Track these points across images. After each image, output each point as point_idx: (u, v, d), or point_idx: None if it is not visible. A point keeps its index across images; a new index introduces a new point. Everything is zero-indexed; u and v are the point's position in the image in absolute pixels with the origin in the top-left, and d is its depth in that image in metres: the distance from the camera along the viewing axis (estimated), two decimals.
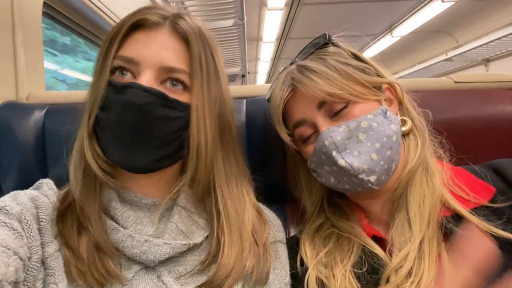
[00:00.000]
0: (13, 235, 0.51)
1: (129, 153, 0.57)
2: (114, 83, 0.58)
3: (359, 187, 0.65)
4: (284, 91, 0.69)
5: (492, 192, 0.62)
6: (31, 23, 1.10)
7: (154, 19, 0.59)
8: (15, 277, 0.48)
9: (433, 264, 0.58)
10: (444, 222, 0.61)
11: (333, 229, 0.73)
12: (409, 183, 0.66)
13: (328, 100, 0.65)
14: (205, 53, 0.61)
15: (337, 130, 0.64)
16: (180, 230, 0.62)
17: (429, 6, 4.04)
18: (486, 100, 0.89)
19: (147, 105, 0.56)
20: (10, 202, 0.56)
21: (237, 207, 0.66)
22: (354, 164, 0.62)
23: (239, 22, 2.65)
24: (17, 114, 0.90)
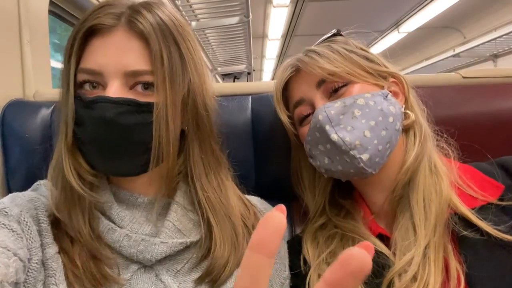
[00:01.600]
0: (13, 237, 0.51)
1: (114, 163, 0.57)
2: (83, 97, 0.56)
3: (351, 168, 0.63)
4: (287, 71, 0.71)
5: (500, 189, 0.61)
6: (37, 21, 1.10)
7: (107, 22, 0.56)
8: (16, 278, 0.47)
9: (439, 270, 0.57)
10: (451, 223, 0.59)
11: (336, 230, 0.72)
12: (411, 186, 0.64)
13: (328, 78, 0.65)
14: (167, 48, 0.58)
15: (332, 106, 0.64)
16: (177, 229, 0.62)
17: (436, 2, 4.00)
18: (494, 95, 0.88)
19: (119, 116, 0.54)
20: (9, 204, 0.55)
21: (220, 196, 0.65)
22: (346, 139, 0.60)
23: (244, 19, 2.64)
24: (24, 112, 0.91)
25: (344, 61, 0.66)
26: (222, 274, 0.60)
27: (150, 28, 0.56)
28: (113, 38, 0.56)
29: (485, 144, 0.78)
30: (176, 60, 0.58)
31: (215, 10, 2.54)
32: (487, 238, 0.56)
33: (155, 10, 0.59)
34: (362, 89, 0.65)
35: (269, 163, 0.85)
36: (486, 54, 4.87)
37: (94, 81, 0.57)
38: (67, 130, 0.57)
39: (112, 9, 0.57)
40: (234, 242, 0.62)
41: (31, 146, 0.87)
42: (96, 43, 0.57)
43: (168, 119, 0.57)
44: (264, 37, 5.41)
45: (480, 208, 0.59)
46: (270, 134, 0.87)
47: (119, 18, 0.57)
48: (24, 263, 0.50)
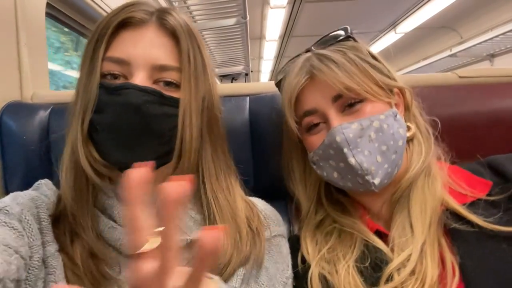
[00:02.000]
0: (14, 235, 0.51)
1: (130, 153, 0.57)
2: (107, 84, 0.57)
3: (361, 188, 0.65)
4: (302, 77, 0.67)
5: (489, 185, 0.63)
6: (34, 23, 1.10)
7: (140, 16, 0.59)
8: (17, 275, 0.48)
9: (436, 263, 0.59)
10: (444, 218, 0.62)
11: (334, 225, 0.73)
12: (412, 189, 0.66)
13: (345, 94, 0.64)
14: (193, 48, 0.61)
15: (350, 127, 0.63)
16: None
17: (432, 2, 4.01)
18: (490, 94, 0.88)
19: (144, 104, 0.55)
20: (10, 202, 0.56)
21: (227, 198, 0.66)
22: (364, 165, 0.62)
23: (241, 20, 2.64)
24: (22, 114, 0.90)
25: (361, 75, 0.65)
26: (223, 273, 0.60)
27: (180, 28, 0.60)
28: (144, 31, 0.59)
29: (481, 143, 0.79)
30: (199, 61, 0.61)
31: (212, 11, 2.54)
32: (478, 230, 0.59)
33: (181, 15, 0.63)
34: (376, 108, 0.65)
35: (267, 164, 0.85)
36: (483, 54, 4.89)
37: (118, 72, 0.58)
38: (85, 117, 0.58)
39: (144, 7, 0.61)
40: (237, 243, 0.62)
41: (29, 148, 0.87)
42: (126, 34, 0.59)
43: (192, 115, 0.59)
44: (262, 38, 5.41)
45: (470, 204, 0.62)
46: (268, 135, 0.87)
47: (151, 15, 0.60)
48: (25, 261, 0.51)
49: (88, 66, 0.59)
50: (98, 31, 0.59)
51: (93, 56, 0.59)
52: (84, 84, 0.59)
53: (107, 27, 0.58)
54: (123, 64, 0.58)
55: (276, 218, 0.73)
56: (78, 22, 1.72)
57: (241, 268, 0.61)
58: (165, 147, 0.59)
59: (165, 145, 0.59)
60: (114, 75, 0.58)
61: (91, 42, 0.60)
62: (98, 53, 0.58)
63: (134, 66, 0.57)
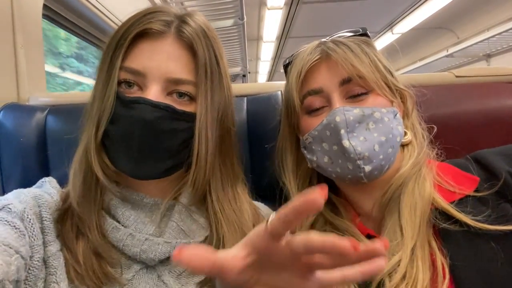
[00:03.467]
0: (15, 234, 0.51)
1: (140, 165, 0.58)
2: (122, 97, 0.58)
3: (349, 174, 0.64)
4: (314, 55, 0.68)
5: (476, 181, 0.63)
6: (31, 25, 1.10)
7: (158, 28, 0.58)
8: (17, 276, 0.48)
9: (427, 266, 0.59)
10: (433, 218, 0.62)
11: (325, 227, 0.73)
12: (402, 191, 0.66)
13: (355, 79, 0.64)
14: (210, 59, 0.60)
15: (352, 110, 0.63)
16: (180, 229, 0.63)
17: (428, 3, 4.03)
18: (487, 94, 0.89)
19: (156, 120, 0.56)
20: (13, 200, 0.56)
21: (234, 209, 0.66)
22: (358, 148, 0.61)
23: (239, 21, 2.65)
24: (19, 116, 0.90)
25: (373, 67, 0.66)
26: None
27: (197, 39, 0.59)
28: (162, 44, 0.59)
29: (477, 142, 0.79)
30: (216, 73, 0.62)
31: (209, 12, 2.54)
32: (467, 229, 0.59)
33: (198, 18, 0.63)
34: (380, 102, 0.66)
35: (264, 164, 0.85)
36: (479, 54, 4.91)
37: (133, 81, 0.59)
38: (99, 125, 0.58)
39: (162, 16, 0.60)
40: None
41: (26, 150, 0.87)
42: (144, 46, 0.59)
43: (208, 129, 0.60)
44: (259, 40, 5.42)
45: (459, 201, 0.62)
46: (265, 135, 0.87)
47: (169, 25, 0.60)
48: (25, 261, 0.51)
49: (105, 74, 0.59)
50: (116, 40, 0.59)
51: (110, 65, 0.59)
52: (100, 91, 0.60)
53: (125, 37, 0.58)
54: (139, 76, 0.58)
55: None
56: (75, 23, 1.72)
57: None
58: (174, 160, 0.60)
59: (174, 158, 0.60)
60: (128, 83, 0.59)
61: (109, 50, 0.60)
62: (116, 63, 0.58)
63: (149, 79, 0.57)
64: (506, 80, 0.94)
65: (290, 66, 0.75)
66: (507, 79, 0.94)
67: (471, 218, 0.58)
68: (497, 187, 0.60)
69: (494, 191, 0.60)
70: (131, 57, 0.59)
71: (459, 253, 0.58)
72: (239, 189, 0.70)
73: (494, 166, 0.63)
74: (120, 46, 0.58)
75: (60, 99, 1.01)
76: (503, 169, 0.61)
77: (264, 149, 0.87)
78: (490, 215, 0.58)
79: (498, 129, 0.85)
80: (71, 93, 1.05)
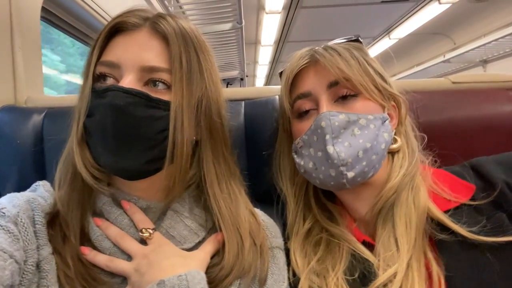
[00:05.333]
0: (9, 238, 0.51)
1: (118, 156, 0.56)
2: (97, 88, 0.58)
3: (331, 181, 0.64)
4: (303, 59, 0.69)
5: (472, 190, 0.63)
6: (29, 27, 1.10)
7: (133, 21, 0.59)
8: (11, 280, 0.47)
9: (422, 278, 0.59)
10: (429, 229, 0.62)
11: (322, 234, 0.73)
12: (395, 202, 0.66)
13: (341, 81, 0.65)
14: (187, 52, 0.60)
15: (337, 116, 0.64)
16: (170, 235, 0.62)
17: (426, 8, 4.05)
18: (483, 100, 0.89)
19: (128, 106, 0.55)
20: (6, 204, 0.55)
21: (230, 206, 0.65)
22: (341, 154, 0.62)
23: (237, 25, 2.65)
24: (16, 118, 0.90)
25: (361, 71, 0.66)
26: (221, 285, 0.59)
27: (172, 32, 0.59)
28: (136, 36, 0.59)
29: (474, 149, 0.79)
30: (194, 64, 0.61)
31: (207, 16, 2.55)
32: (462, 239, 0.58)
33: (180, 20, 0.63)
34: (367, 107, 0.66)
35: (262, 168, 0.85)
36: (476, 59, 4.92)
37: (109, 74, 0.59)
38: (79, 121, 0.58)
39: (140, 13, 0.61)
40: (239, 256, 0.61)
41: (22, 152, 0.86)
42: (119, 39, 0.60)
43: (183, 118, 0.58)
44: (257, 43, 5.42)
45: (454, 210, 0.62)
46: (263, 139, 0.87)
47: (145, 20, 0.60)
48: (20, 265, 0.50)
49: (84, 71, 0.60)
50: (96, 37, 0.60)
51: (88, 61, 0.60)
52: (81, 90, 0.60)
53: (102, 33, 0.59)
54: (114, 67, 0.58)
55: (274, 230, 0.72)
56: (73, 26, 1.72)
57: (237, 280, 0.61)
58: (155, 152, 0.58)
59: (154, 149, 0.58)
60: (104, 76, 0.59)
61: (91, 48, 0.60)
62: (93, 59, 0.59)
63: (124, 69, 0.57)
64: (502, 86, 0.94)
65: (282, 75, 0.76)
66: (503, 86, 0.94)
67: (466, 229, 0.58)
68: (493, 196, 0.60)
69: (490, 201, 0.60)
70: (107, 52, 0.59)
71: (455, 263, 0.58)
72: (235, 187, 0.69)
73: (491, 175, 0.62)
74: (97, 42, 0.59)
75: (57, 102, 1.01)
76: (499, 179, 0.61)
77: (262, 153, 0.87)
78: (485, 226, 0.58)
79: (494, 135, 0.85)
80: (68, 96, 1.05)
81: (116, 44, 0.59)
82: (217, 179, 0.66)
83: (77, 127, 0.59)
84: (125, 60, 0.57)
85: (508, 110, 0.87)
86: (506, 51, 4.43)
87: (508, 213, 0.59)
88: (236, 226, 0.64)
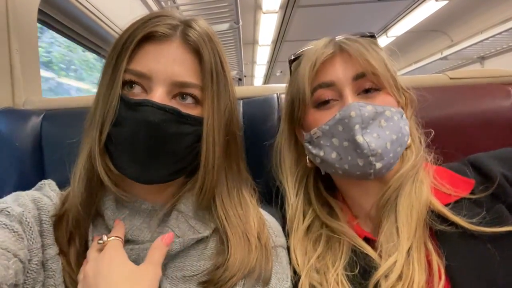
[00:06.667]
0: (14, 237, 0.51)
1: (145, 169, 0.57)
2: (126, 99, 0.57)
3: (358, 171, 0.64)
4: (329, 49, 0.67)
5: (471, 184, 0.64)
6: (26, 30, 1.10)
7: (163, 31, 0.58)
8: (15, 279, 0.48)
9: (423, 267, 0.59)
10: (429, 221, 0.62)
11: (321, 230, 0.73)
12: (400, 193, 0.66)
13: (369, 75, 0.65)
14: (216, 63, 0.60)
15: (366, 107, 0.63)
16: (175, 236, 0.62)
17: (423, 6, 4.06)
18: (481, 95, 0.89)
19: (161, 123, 0.55)
20: (11, 203, 0.56)
21: (239, 214, 0.66)
22: (372, 144, 0.61)
23: (234, 25, 2.65)
24: (14, 120, 0.90)
25: (383, 66, 0.67)
26: (225, 285, 0.59)
27: (203, 43, 0.59)
28: (168, 47, 0.59)
29: (472, 144, 0.79)
30: (221, 77, 0.61)
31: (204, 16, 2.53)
32: (462, 231, 0.59)
33: (202, 23, 0.63)
34: (388, 101, 0.66)
35: (261, 167, 0.85)
36: (474, 56, 4.94)
37: (137, 83, 0.58)
38: (103, 129, 0.58)
39: (168, 20, 0.60)
40: (245, 259, 0.61)
41: (21, 154, 0.86)
42: (149, 48, 0.59)
43: (215, 133, 0.60)
44: (255, 43, 5.43)
45: (454, 203, 0.62)
46: (261, 137, 0.87)
47: (175, 29, 0.60)
48: (24, 264, 0.50)
49: (109, 77, 0.59)
50: (121, 43, 0.59)
51: (115, 67, 0.59)
52: (104, 95, 0.59)
53: (131, 40, 0.58)
54: (144, 78, 0.58)
55: (277, 229, 0.72)
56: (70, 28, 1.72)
57: (243, 280, 0.61)
58: (180, 164, 0.60)
59: (180, 162, 0.59)
60: (132, 85, 0.58)
61: (114, 53, 0.59)
62: (121, 65, 0.58)
63: (155, 81, 0.57)
64: (500, 81, 0.94)
65: (298, 61, 0.74)
66: (501, 81, 0.95)
67: (466, 220, 0.59)
68: (492, 189, 0.61)
69: (489, 194, 0.61)
70: (136, 60, 0.58)
71: (455, 254, 0.59)
72: (246, 195, 0.69)
73: (489, 169, 0.63)
74: (126, 49, 0.58)
75: (55, 104, 1.01)
76: (498, 172, 0.62)
77: (260, 151, 0.87)
78: (485, 217, 0.59)
79: (493, 130, 0.85)
80: (66, 98, 1.05)
81: (146, 54, 0.58)
82: (228, 188, 0.66)
83: (99, 134, 0.58)
84: (156, 72, 0.57)
85: (506, 105, 0.87)
86: (503, 47, 4.45)
87: (507, 205, 0.60)
88: (245, 233, 0.64)
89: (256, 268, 0.62)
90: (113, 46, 0.60)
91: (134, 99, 0.57)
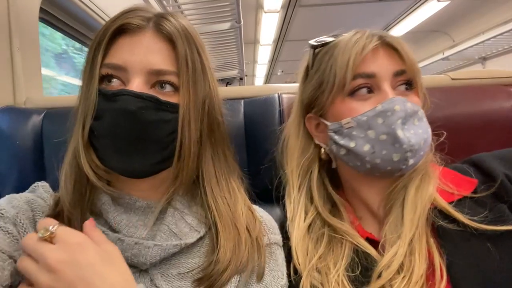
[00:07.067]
0: (8, 239, 0.51)
1: (128, 159, 0.57)
2: (104, 91, 0.57)
3: (390, 166, 0.64)
4: (374, 40, 0.66)
5: (474, 184, 0.64)
6: (28, 28, 1.10)
7: (136, 23, 0.59)
8: (10, 281, 0.48)
9: (423, 260, 0.60)
10: (432, 217, 0.63)
11: (323, 230, 0.72)
12: (407, 189, 0.67)
13: (409, 72, 0.66)
14: (191, 52, 0.61)
15: (407, 103, 0.64)
16: (172, 232, 0.62)
17: (424, 6, 4.05)
18: (482, 96, 0.89)
19: (140, 110, 0.55)
20: (5, 205, 0.56)
21: (228, 202, 0.66)
22: (411, 140, 0.62)
23: (235, 25, 2.65)
24: (15, 119, 0.90)
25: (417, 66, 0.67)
26: (219, 279, 0.59)
27: (176, 32, 0.60)
28: (141, 38, 0.59)
29: (474, 145, 0.79)
30: (198, 65, 0.61)
31: (206, 16, 2.54)
32: (464, 229, 0.59)
33: (180, 19, 0.63)
34: (417, 101, 0.67)
35: (262, 166, 0.85)
36: (475, 56, 4.93)
37: (114, 76, 0.58)
38: (85, 123, 0.58)
39: (141, 13, 0.61)
40: (235, 250, 0.62)
41: (22, 153, 0.86)
42: (123, 41, 0.59)
43: (191, 119, 0.60)
44: (256, 43, 5.43)
45: (457, 202, 0.63)
46: (262, 137, 0.87)
47: (148, 20, 0.60)
48: None
49: (88, 73, 0.59)
50: (97, 39, 0.59)
51: (92, 63, 0.59)
52: (84, 91, 0.60)
53: (104, 34, 0.59)
54: (120, 70, 0.58)
55: (272, 226, 0.72)
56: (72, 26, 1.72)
57: (236, 275, 0.61)
58: (164, 153, 0.59)
59: (163, 151, 0.59)
60: (110, 78, 0.59)
61: (91, 50, 0.60)
62: (97, 60, 0.58)
63: (131, 72, 0.57)
64: (501, 82, 0.95)
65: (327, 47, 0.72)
66: (502, 82, 0.95)
67: (468, 218, 0.59)
68: (494, 188, 0.61)
69: (491, 193, 0.62)
70: (111, 54, 0.59)
71: (456, 252, 0.59)
72: (234, 184, 0.69)
73: (492, 169, 0.64)
74: (100, 43, 0.59)
75: (56, 102, 1.01)
76: (500, 172, 0.62)
77: (261, 150, 0.87)
78: (486, 216, 0.59)
79: (494, 131, 0.85)
80: (67, 96, 1.05)
81: (121, 47, 0.59)
82: (216, 176, 0.66)
83: (82, 129, 0.58)
84: (132, 63, 0.57)
85: (507, 106, 0.87)
86: (505, 48, 4.44)
87: (508, 204, 0.60)
88: (233, 222, 0.64)
89: (249, 263, 0.62)
90: (90, 44, 0.61)
91: (112, 90, 0.57)
